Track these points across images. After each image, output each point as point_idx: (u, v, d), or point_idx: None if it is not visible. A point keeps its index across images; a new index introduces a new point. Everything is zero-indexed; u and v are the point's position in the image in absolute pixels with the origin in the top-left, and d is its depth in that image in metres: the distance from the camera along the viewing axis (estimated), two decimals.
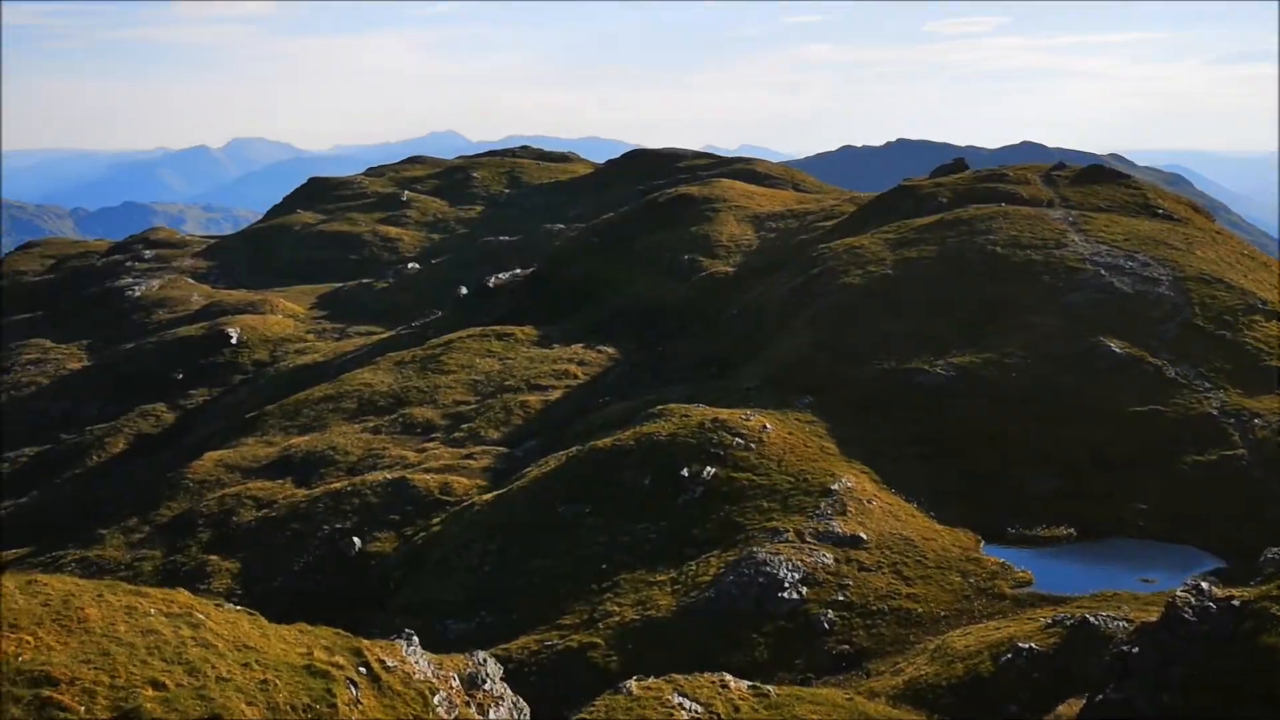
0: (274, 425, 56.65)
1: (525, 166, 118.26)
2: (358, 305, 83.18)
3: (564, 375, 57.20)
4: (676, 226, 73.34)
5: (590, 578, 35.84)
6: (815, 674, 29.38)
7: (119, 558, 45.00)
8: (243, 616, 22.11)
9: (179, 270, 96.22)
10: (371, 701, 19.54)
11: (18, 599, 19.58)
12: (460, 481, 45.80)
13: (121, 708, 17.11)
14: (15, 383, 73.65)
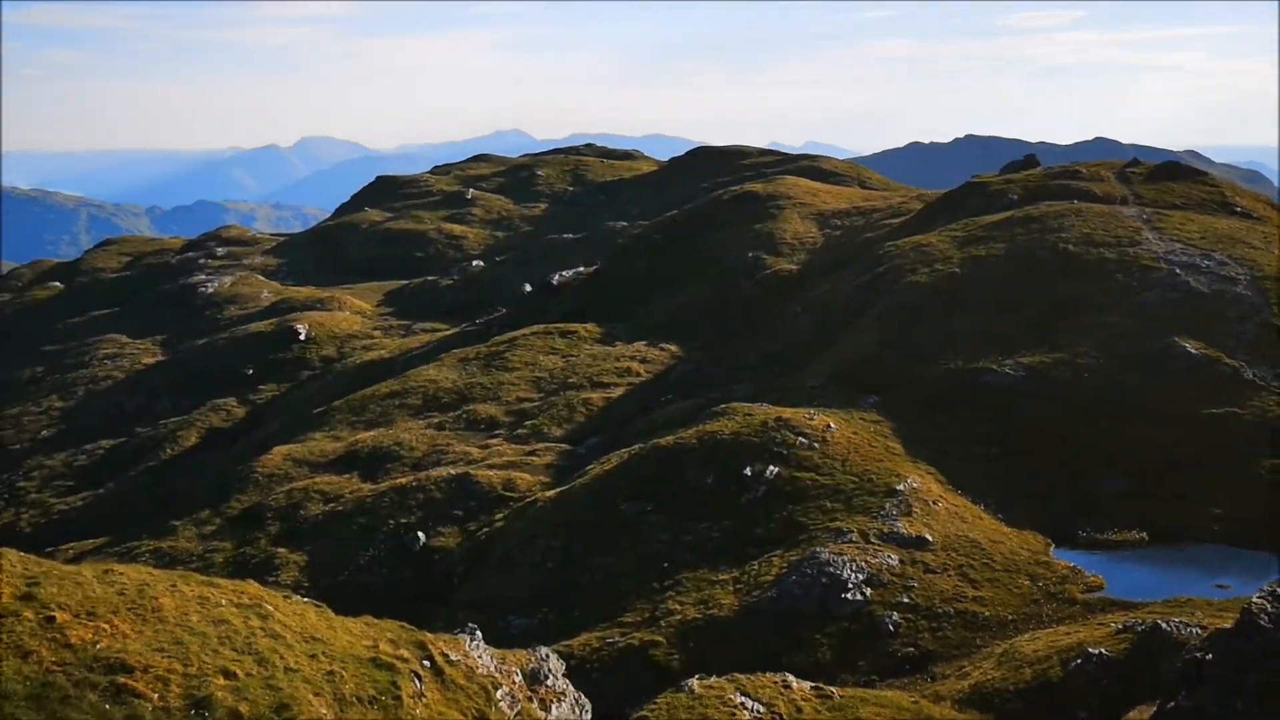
0: (341, 420, 57.42)
1: (589, 164, 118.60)
2: (423, 302, 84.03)
3: (626, 373, 57.28)
4: (740, 224, 73.07)
5: (652, 576, 35.84)
6: (879, 676, 29.09)
7: (191, 549, 45.91)
8: (310, 608, 22.45)
9: (250, 267, 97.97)
10: (435, 695, 19.73)
11: (95, 587, 20.05)
12: (523, 478, 46.06)
13: (194, 696, 17.45)
14: (92, 377, 75.50)
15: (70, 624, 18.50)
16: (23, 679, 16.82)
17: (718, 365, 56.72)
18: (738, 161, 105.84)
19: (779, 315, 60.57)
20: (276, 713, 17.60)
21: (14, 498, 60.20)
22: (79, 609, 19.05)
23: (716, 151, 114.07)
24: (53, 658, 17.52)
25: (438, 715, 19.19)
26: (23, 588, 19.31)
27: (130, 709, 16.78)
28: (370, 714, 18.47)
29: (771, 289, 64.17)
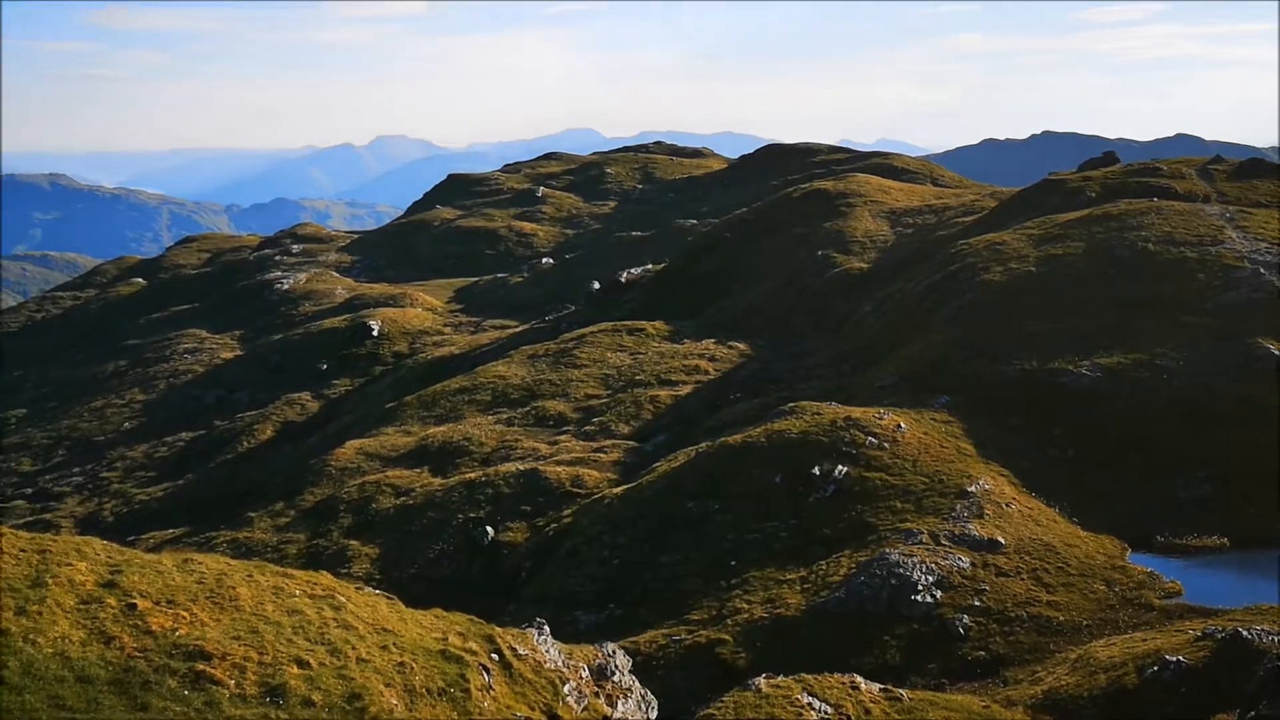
0: (412, 415, 58.16)
1: (659, 162, 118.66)
2: (493, 299, 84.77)
3: (695, 371, 57.22)
4: (810, 222, 72.56)
5: (719, 574, 35.78)
6: (949, 680, 28.71)
7: (266, 540, 46.83)
8: (381, 600, 22.78)
9: (324, 264, 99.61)
10: (503, 688, 19.89)
11: (175, 576, 20.55)
12: (591, 474, 46.26)
13: (269, 684, 17.81)
14: (173, 371, 77.37)
15: (151, 611, 18.98)
16: (105, 664, 17.30)
17: (786, 364, 56.42)
18: (808, 159, 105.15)
19: (849, 314, 60.06)
20: (348, 702, 17.90)
21: (98, 488, 61.92)
22: (159, 597, 19.54)
23: (787, 149, 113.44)
24: (134, 644, 17.99)
25: (506, 708, 19.35)
26: (106, 575, 19.87)
27: (208, 695, 17.17)
28: (440, 706, 18.69)
29: (841, 287, 63.65)
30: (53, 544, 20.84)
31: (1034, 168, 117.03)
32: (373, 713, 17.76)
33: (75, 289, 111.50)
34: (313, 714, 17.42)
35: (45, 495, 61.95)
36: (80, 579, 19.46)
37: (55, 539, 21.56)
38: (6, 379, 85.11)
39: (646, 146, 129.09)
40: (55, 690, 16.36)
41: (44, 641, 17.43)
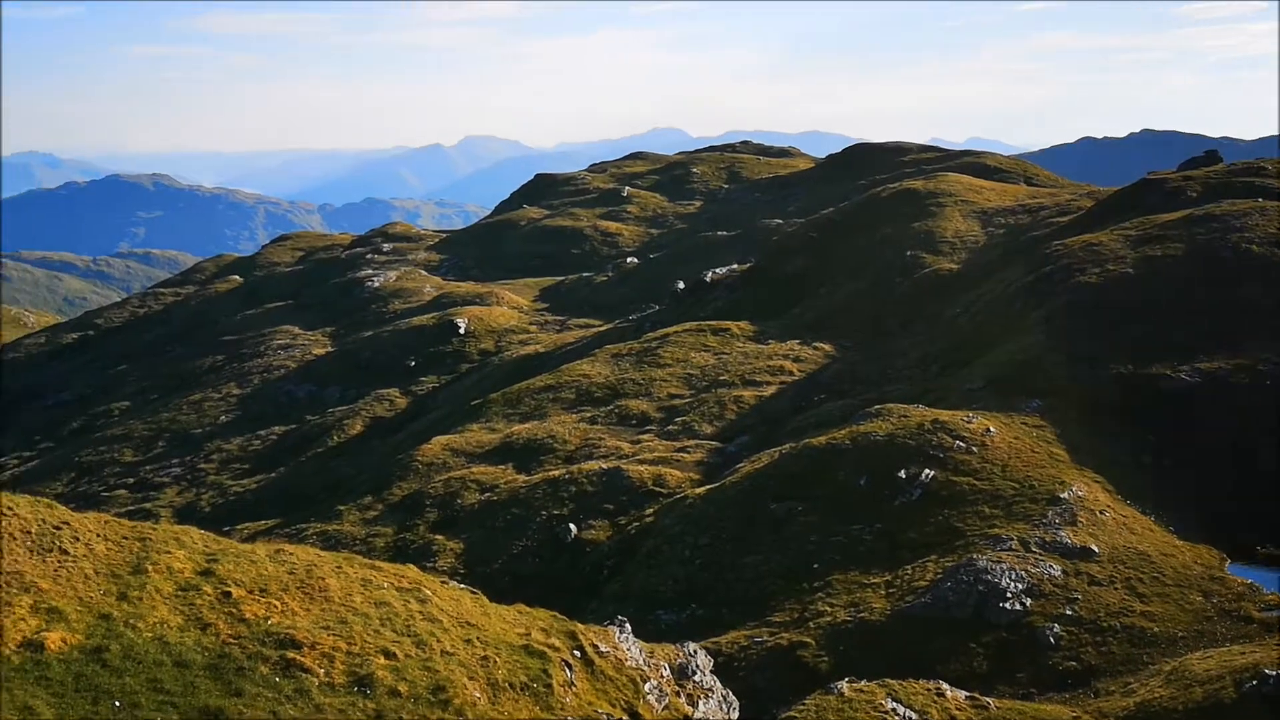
0: (497, 412, 58.77)
1: (745, 161, 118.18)
2: (578, 298, 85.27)
3: (779, 371, 56.86)
4: (898, 222, 71.62)
5: (801, 576, 35.52)
6: (1038, 689, 28.11)
7: (355, 533, 47.73)
8: (466, 594, 23.05)
9: (413, 263, 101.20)
10: (585, 684, 20.00)
11: (267, 566, 21.05)
12: (673, 474, 46.26)
13: (356, 673, 18.14)
14: (267, 366, 79.29)
15: (245, 599, 19.48)
16: (202, 649, 17.79)
17: (873, 365, 55.76)
18: (897, 158, 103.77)
19: (937, 315, 59.13)
20: (433, 694, 18.15)
21: (195, 479, 63.74)
22: (253, 586, 20.03)
23: (875, 148, 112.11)
24: (229, 631, 18.48)
25: (587, 705, 19.45)
26: (203, 563, 20.43)
27: (298, 683, 17.56)
28: (522, 700, 18.85)
29: (930, 288, 62.69)
30: (153, 532, 21.51)
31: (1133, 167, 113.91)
32: (456, 705, 17.99)
33: (176, 286, 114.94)
34: (398, 704, 17.71)
35: (146, 485, 63.97)
36: (179, 567, 20.05)
37: (155, 528, 22.26)
38: (111, 373, 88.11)
39: (733, 146, 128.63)
40: (154, 673, 16.88)
41: (144, 626, 18.00)
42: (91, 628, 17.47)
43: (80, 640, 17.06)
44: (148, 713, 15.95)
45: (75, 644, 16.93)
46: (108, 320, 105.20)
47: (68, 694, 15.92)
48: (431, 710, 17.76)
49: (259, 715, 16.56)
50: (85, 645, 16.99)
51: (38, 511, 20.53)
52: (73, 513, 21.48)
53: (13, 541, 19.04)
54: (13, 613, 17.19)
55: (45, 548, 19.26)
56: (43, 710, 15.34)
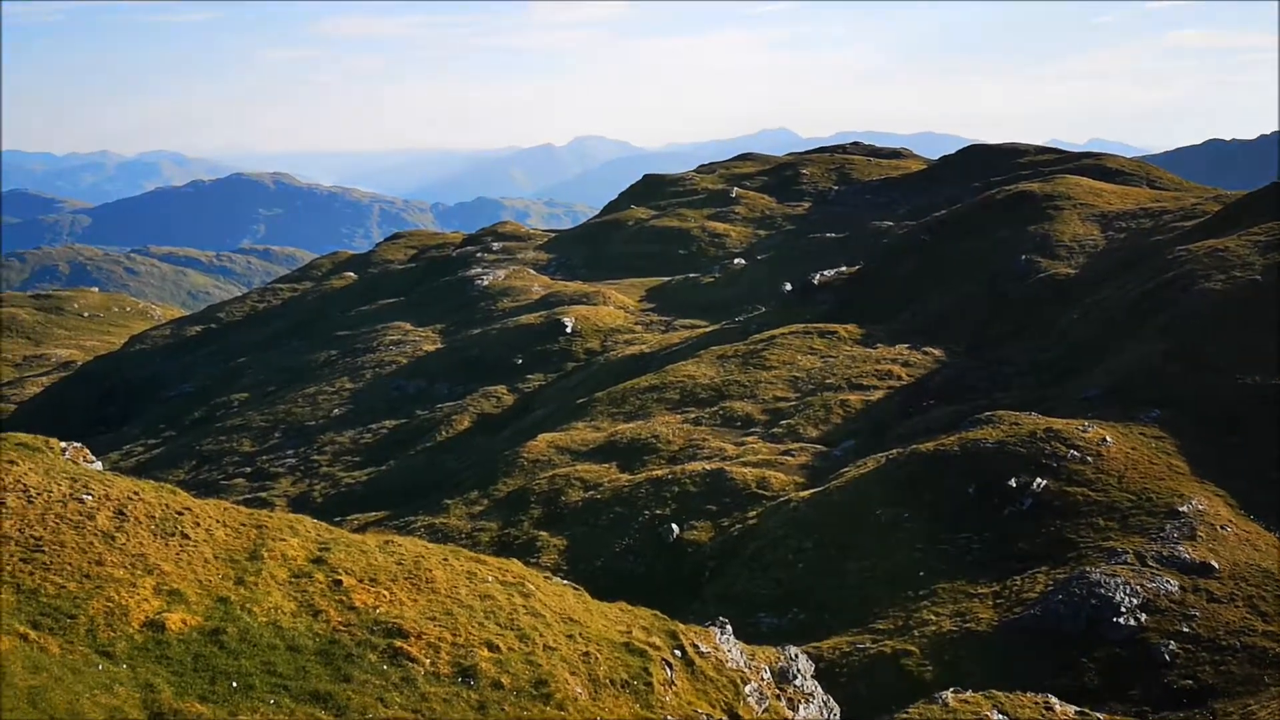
0: (602, 411, 59.14)
1: (855, 163, 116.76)
2: (684, 299, 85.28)
3: (887, 375, 56.04)
4: (1013, 225, 69.92)
5: (906, 584, 34.96)
6: (1152, 708, 27.19)
7: (461, 526, 48.53)
8: (569, 590, 23.27)
9: (522, 262, 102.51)
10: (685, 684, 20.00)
11: (377, 556, 21.56)
12: (777, 477, 45.96)
13: (460, 664, 18.46)
14: (379, 361, 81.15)
15: (355, 588, 19.98)
16: (313, 635, 18.31)
17: (983, 371, 54.55)
18: (1013, 160, 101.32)
19: (1052, 321, 57.56)
20: (535, 688, 18.37)
21: (309, 470, 65.55)
22: (362, 575, 20.54)
23: (990, 149, 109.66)
24: (339, 618, 18.98)
25: (687, 704, 19.45)
26: (315, 552, 21.02)
27: (405, 671, 17.94)
28: (622, 697, 18.95)
29: (1045, 293, 61.05)
30: (269, 520, 22.21)
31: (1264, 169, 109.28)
32: (558, 699, 18.17)
33: (293, 281, 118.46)
34: (501, 696, 17.96)
35: (262, 475, 66.03)
36: (292, 554, 20.67)
37: (271, 515, 22.97)
38: (231, 365, 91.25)
39: (843, 147, 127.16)
40: (268, 657, 17.43)
41: (259, 610, 18.60)
42: (210, 610, 18.13)
43: (199, 622, 17.71)
44: (261, 694, 16.48)
45: (194, 625, 17.58)
46: (229, 314, 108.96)
47: (186, 673, 16.54)
48: (533, 704, 17.97)
49: (366, 702, 16.97)
50: (204, 627, 17.63)
51: (162, 497, 21.38)
52: (194, 499, 22.31)
53: (138, 525, 19.85)
54: (136, 593, 17.93)
55: (168, 532, 20.04)
56: (163, 688, 15.96)
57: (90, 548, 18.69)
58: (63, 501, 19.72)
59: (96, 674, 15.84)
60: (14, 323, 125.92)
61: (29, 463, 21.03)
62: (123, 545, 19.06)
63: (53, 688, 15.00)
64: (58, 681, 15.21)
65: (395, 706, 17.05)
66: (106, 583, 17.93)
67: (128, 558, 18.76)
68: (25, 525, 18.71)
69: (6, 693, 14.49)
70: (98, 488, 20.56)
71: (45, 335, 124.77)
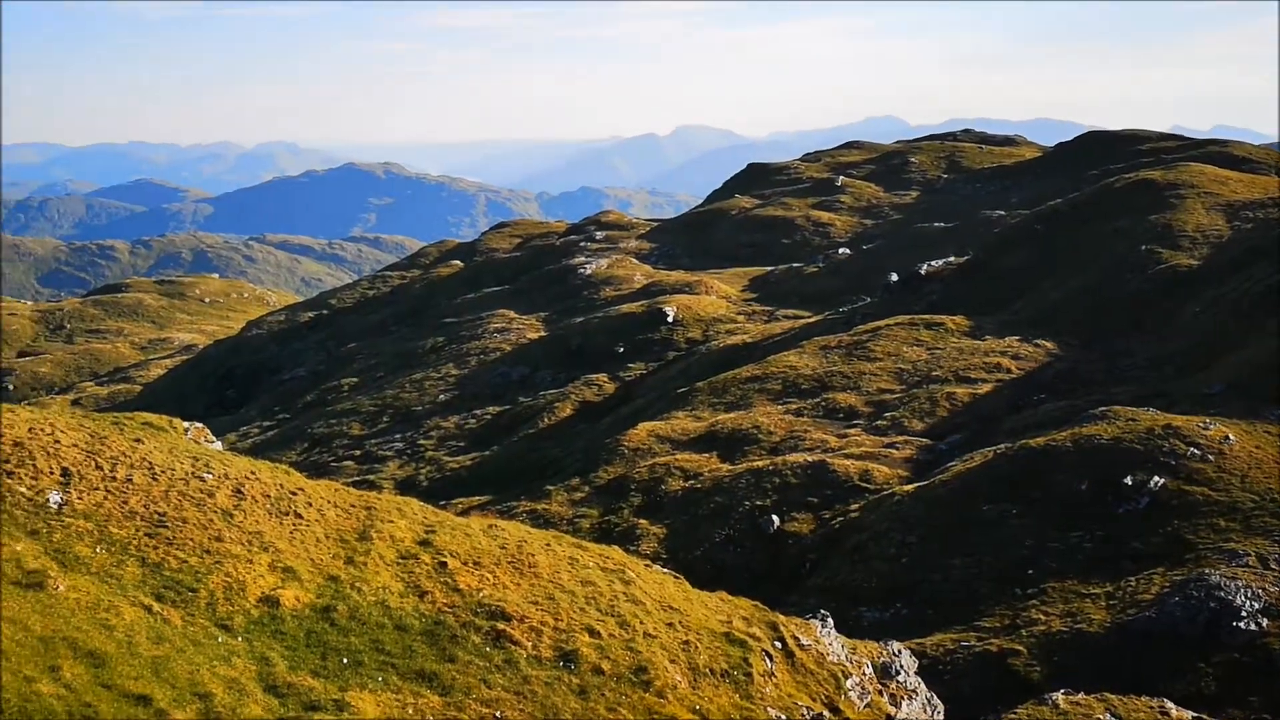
0: (702, 401, 59.04)
1: (966, 150, 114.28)
2: (787, 289, 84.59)
3: (995, 369, 54.78)
4: (1132, 214, 67.65)
5: (1014, 582, 34.17)
6: (1273, 715, 26.11)
7: (561, 513, 48.99)
8: (668, 579, 23.30)
9: (624, 251, 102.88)
10: (785, 676, 19.86)
11: (481, 539, 21.88)
12: (880, 470, 45.33)
13: (562, 649, 18.63)
14: (484, 348, 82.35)
15: (459, 570, 20.32)
16: (419, 615, 18.68)
17: (1098, 365, 52.94)
18: (1132, 147, 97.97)
19: (1172, 314, 55.56)
20: (635, 674, 18.45)
21: (414, 454, 66.88)
22: (467, 557, 20.87)
23: (1108, 136, 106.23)
24: (444, 599, 19.32)
25: (787, 696, 19.33)
26: (422, 534, 21.43)
27: (507, 654, 18.19)
28: (722, 687, 18.91)
29: (1165, 285, 58.95)
30: (377, 502, 22.72)
31: None
32: (658, 686, 18.21)
33: (402, 269, 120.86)
34: (601, 682, 18.08)
35: (370, 458, 67.59)
36: (400, 536, 21.11)
37: (379, 497, 23.49)
38: (342, 350, 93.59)
39: (953, 134, 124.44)
40: (376, 635, 17.84)
41: (367, 590, 19.04)
42: (321, 588, 18.63)
43: (311, 599, 18.21)
44: (370, 671, 16.87)
45: (307, 602, 18.08)
46: (340, 301, 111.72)
47: (299, 648, 17.03)
48: (633, 690, 18.05)
49: (470, 682, 17.25)
50: (316, 604, 18.12)
51: (277, 477, 22.02)
52: (307, 480, 22.93)
53: (255, 504, 20.49)
54: (253, 569, 18.51)
55: (282, 511, 20.63)
56: (277, 662, 16.45)
57: (210, 524, 19.36)
58: (185, 480, 20.45)
59: (216, 646, 16.41)
60: (140, 307, 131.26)
61: (154, 441, 21.85)
62: (240, 523, 19.70)
63: (175, 658, 15.58)
64: (180, 652, 15.80)
65: (498, 688, 17.30)
66: (225, 559, 18.55)
67: (245, 535, 19.38)
68: (150, 501, 19.46)
69: (132, 661, 15.10)
70: (217, 467, 21.27)
71: (169, 320, 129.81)
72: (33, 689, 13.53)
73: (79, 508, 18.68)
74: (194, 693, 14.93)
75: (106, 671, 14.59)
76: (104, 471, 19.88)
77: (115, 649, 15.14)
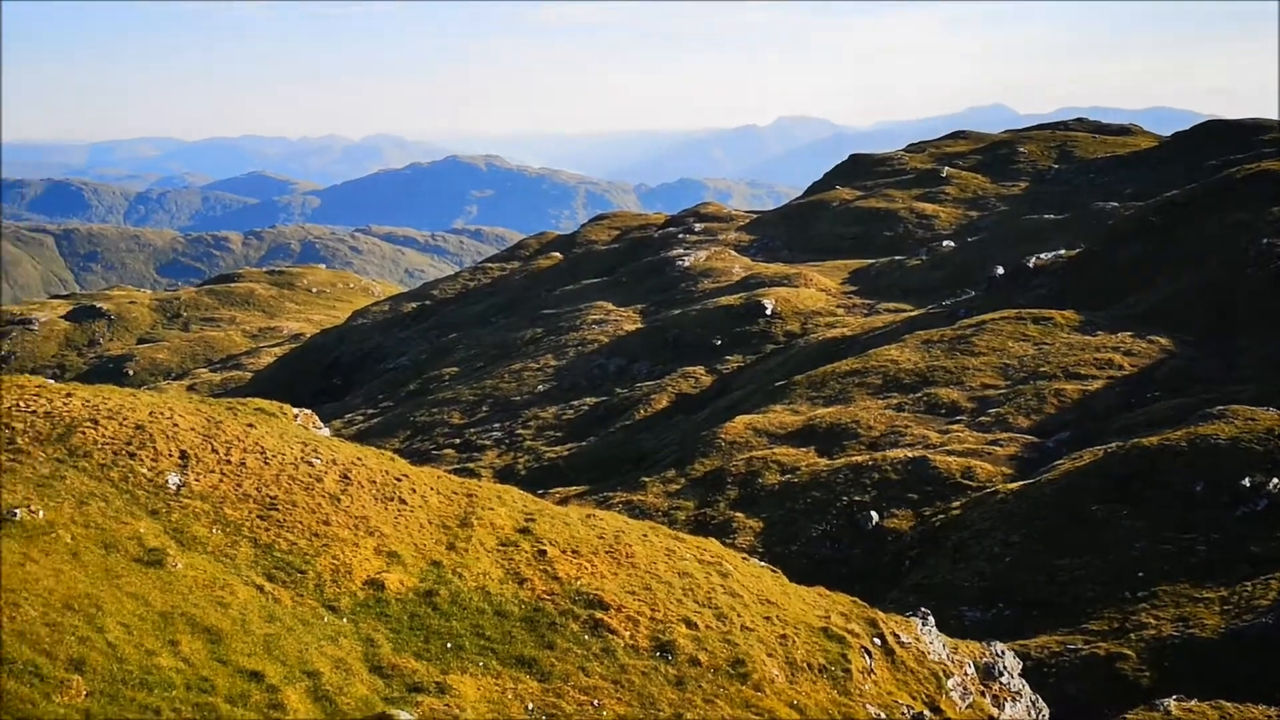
0: (800, 395, 58.58)
1: (1078, 140, 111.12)
2: (888, 282, 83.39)
3: (1106, 365, 53.21)
4: (1256, 206, 64.96)
5: (1123, 584, 33.19)
6: None
7: (657, 504, 49.12)
8: (766, 572, 23.19)
9: (723, 243, 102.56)
10: (884, 673, 19.62)
11: (579, 529, 22.06)
12: (984, 467, 44.44)
13: (659, 639, 18.68)
14: (581, 340, 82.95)
15: (558, 559, 20.51)
16: (519, 602, 18.91)
17: (1216, 363, 51.07)
18: (1255, 136, 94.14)
19: None
20: (732, 667, 18.41)
21: (513, 443, 67.74)
22: (565, 546, 21.06)
23: (1229, 126, 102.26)
24: (543, 587, 19.53)
25: (886, 694, 19.09)
26: (521, 521, 21.69)
27: (605, 642, 18.30)
28: (820, 682, 18.76)
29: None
30: (478, 489, 23.05)
31: None
32: (755, 680, 18.15)
33: (502, 261, 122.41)
34: (698, 673, 18.08)
35: (470, 446, 68.67)
36: (500, 523, 21.39)
37: (480, 485, 23.84)
38: (443, 340, 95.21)
39: (1065, 123, 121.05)
40: (477, 620, 18.12)
41: (468, 575, 19.35)
42: (424, 573, 18.99)
43: (415, 583, 18.57)
44: (471, 656, 17.15)
45: (410, 586, 18.45)
46: (442, 291, 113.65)
47: (403, 631, 17.39)
48: (730, 683, 18.02)
49: (568, 669, 17.41)
50: (419, 588, 18.48)
51: (382, 463, 22.50)
52: (410, 466, 23.39)
53: (361, 489, 20.97)
54: (359, 553, 18.96)
55: (387, 496, 21.08)
56: (382, 643, 16.83)
57: (319, 508, 19.88)
58: (295, 464, 21.03)
59: (323, 626, 16.85)
60: (251, 297, 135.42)
61: (265, 426, 22.51)
62: (347, 507, 20.18)
63: (285, 637, 16.05)
64: (289, 631, 16.27)
65: (596, 676, 17.42)
66: (333, 541, 19.03)
67: (351, 519, 19.85)
68: (262, 485, 20.06)
69: (245, 638, 15.60)
70: (325, 452, 21.82)
71: (278, 309, 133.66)
72: (153, 661, 14.07)
73: (196, 489, 19.35)
74: (303, 671, 15.36)
75: (222, 647, 15.10)
76: (219, 455, 20.55)
77: (230, 626, 15.65)
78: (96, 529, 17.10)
